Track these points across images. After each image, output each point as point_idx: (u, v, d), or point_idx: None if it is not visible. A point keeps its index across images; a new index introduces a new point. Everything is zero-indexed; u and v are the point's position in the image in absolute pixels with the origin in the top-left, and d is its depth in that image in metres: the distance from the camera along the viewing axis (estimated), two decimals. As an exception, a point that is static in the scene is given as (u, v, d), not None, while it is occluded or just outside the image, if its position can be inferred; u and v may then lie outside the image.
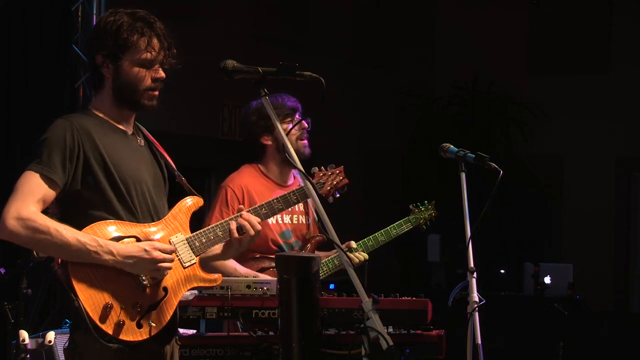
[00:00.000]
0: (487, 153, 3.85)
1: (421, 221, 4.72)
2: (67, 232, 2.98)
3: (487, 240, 8.97)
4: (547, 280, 7.98)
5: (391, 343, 2.77)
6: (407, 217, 4.70)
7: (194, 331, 3.77)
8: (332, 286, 5.65)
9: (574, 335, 7.38)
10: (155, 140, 3.34)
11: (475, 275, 3.61)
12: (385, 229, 4.59)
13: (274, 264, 4.23)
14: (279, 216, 4.35)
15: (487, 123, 9.94)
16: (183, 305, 3.59)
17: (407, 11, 10.28)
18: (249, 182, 4.34)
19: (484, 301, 3.54)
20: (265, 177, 4.41)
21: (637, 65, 9.79)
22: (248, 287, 3.64)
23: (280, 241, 4.36)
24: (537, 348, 7.42)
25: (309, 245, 4.43)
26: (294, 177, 4.47)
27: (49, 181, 3.02)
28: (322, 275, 4.37)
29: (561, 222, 10.07)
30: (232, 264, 4.12)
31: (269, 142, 4.39)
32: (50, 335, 4.57)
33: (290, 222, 4.42)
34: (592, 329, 7.70)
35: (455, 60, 10.31)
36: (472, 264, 3.63)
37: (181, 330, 3.71)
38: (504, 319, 7.46)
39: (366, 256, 4.47)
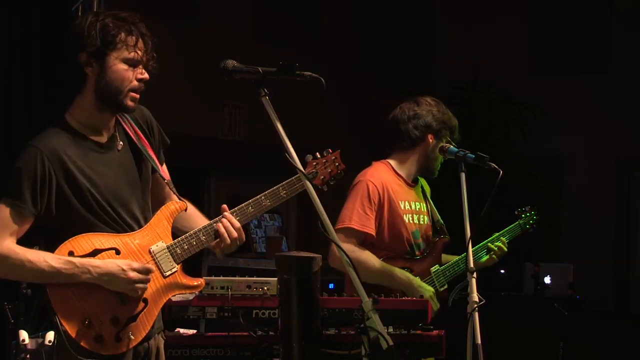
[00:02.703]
0: (487, 153, 3.86)
1: (527, 227, 4.80)
2: (40, 262, 3.01)
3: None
4: (547, 280, 7.98)
5: (391, 343, 2.77)
6: (517, 222, 4.77)
7: (194, 331, 3.77)
8: (331, 286, 5.65)
9: (574, 335, 7.37)
10: (139, 132, 3.28)
11: (475, 275, 3.61)
12: (500, 233, 4.62)
13: (407, 264, 4.25)
14: (409, 215, 4.38)
15: (487, 123, 9.93)
16: (183, 305, 3.59)
17: (406, 11, 10.27)
18: (386, 179, 4.35)
19: (484, 301, 3.54)
20: (397, 175, 4.43)
21: (637, 65, 9.78)
22: (248, 287, 3.64)
23: (412, 241, 4.37)
24: (537, 348, 7.42)
25: (436, 247, 4.44)
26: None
27: (20, 214, 3.04)
28: (445, 280, 4.38)
29: (561, 223, 10.06)
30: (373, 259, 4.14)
31: (431, 142, 4.40)
32: (50, 335, 4.56)
33: (417, 222, 4.44)
34: (592, 329, 7.69)
35: (455, 60, 10.30)
36: (472, 264, 3.64)
37: (181, 331, 3.71)
38: (504, 319, 7.46)
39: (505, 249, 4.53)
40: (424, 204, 4.50)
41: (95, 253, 3.07)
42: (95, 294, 3.06)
